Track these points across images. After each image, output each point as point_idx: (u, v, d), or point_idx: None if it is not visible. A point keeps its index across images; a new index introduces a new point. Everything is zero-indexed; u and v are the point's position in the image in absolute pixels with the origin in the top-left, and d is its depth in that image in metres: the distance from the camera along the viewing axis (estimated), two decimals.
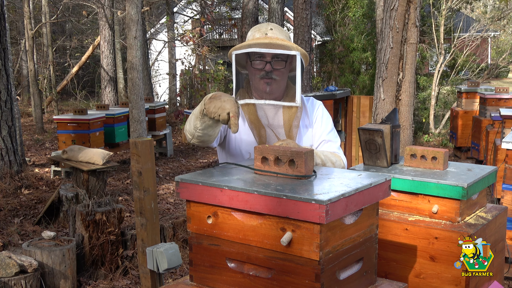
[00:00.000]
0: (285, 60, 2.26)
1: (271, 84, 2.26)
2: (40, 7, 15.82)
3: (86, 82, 19.72)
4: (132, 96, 7.42)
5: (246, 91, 2.34)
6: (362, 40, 15.17)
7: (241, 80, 2.34)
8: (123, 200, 6.72)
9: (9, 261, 3.71)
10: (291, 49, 2.21)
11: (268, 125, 2.31)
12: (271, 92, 2.27)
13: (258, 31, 2.33)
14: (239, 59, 2.30)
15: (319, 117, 2.42)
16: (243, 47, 2.22)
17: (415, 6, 5.65)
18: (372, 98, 7.15)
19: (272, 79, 2.26)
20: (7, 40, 7.47)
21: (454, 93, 13.98)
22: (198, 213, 1.83)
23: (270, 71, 2.24)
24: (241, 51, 2.22)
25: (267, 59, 2.24)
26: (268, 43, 2.21)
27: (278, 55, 2.24)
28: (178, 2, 17.35)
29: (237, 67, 2.28)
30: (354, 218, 1.73)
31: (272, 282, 1.68)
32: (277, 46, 2.20)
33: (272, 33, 2.30)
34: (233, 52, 2.24)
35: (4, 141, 7.06)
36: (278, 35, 2.30)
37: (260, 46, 2.19)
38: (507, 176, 4.36)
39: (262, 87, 2.27)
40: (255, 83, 2.29)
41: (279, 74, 2.27)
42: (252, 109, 2.30)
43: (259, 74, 2.26)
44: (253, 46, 2.20)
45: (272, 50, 2.19)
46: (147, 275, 3.37)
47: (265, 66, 2.24)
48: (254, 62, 2.27)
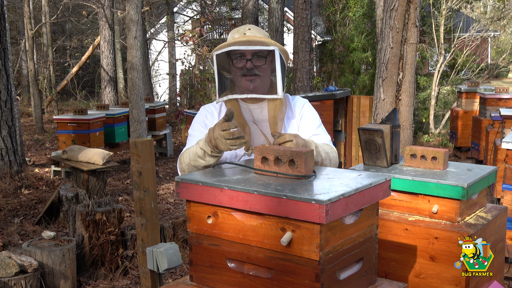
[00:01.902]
0: (265, 56, 2.32)
1: (254, 81, 2.31)
2: (40, 7, 15.82)
3: (86, 82, 19.71)
4: (132, 96, 7.42)
5: (230, 91, 2.39)
6: (362, 40, 15.17)
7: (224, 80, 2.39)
8: (123, 200, 6.72)
9: (9, 261, 3.71)
10: (268, 44, 2.27)
11: (252, 120, 2.35)
12: (254, 89, 2.32)
13: (237, 32, 2.40)
14: (221, 61, 2.37)
15: (305, 113, 2.44)
16: (223, 47, 2.29)
17: (415, 6, 5.65)
18: (372, 98, 7.15)
19: (254, 76, 2.31)
20: (7, 40, 7.47)
21: (454, 93, 13.97)
22: (198, 213, 1.83)
23: (251, 68, 2.30)
24: (221, 51, 2.28)
25: (247, 57, 2.30)
26: (246, 40, 2.27)
27: (257, 52, 2.30)
28: (178, 2, 17.35)
29: (219, 68, 2.35)
30: (354, 218, 1.73)
31: (272, 282, 1.68)
32: (255, 43, 2.26)
33: (251, 33, 2.36)
34: (213, 53, 2.31)
35: (4, 141, 7.06)
36: (256, 34, 2.36)
37: (238, 44, 2.26)
38: (507, 176, 4.36)
39: (244, 84, 2.32)
40: (238, 81, 2.35)
41: (261, 70, 2.32)
42: (236, 107, 2.34)
43: (241, 72, 2.32)
44: (232, 45, 2.26)
45: (250, 47, 2.25)
46: (147, 275, 3.37)
47: (246, 64, 2.30)
48: (235, 61, 2.33)
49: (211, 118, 2.41)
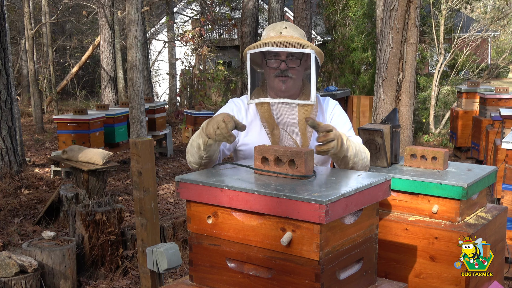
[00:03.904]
0: (300, 58, 2.26)
1: (286, 82, 2.26)
2: (40, 7, 15.82)
3: (86, 82, 19.71)
4: (132, 96, 7.42)
5: (261, 90, 2.34)
6: (362, 40, 15.17)
7: (256, 79, 2.34)
8: (123, 200, 6.72)
9: (9, 261, 3.71)
10: (305, 47, 2.21)
11: (282, 123, 2.30)
12: (286, 90, 2.27)
13: (273, 30, 2.33)
14: (255, 59, 2.31)
15: (336, 115, 2.39)
16: (258, 46, 2.22)
17: (415, 6, 5.65)
18: (372, 98, 7.15)
19: (287, 77, 2.26)
20: (7, 40, 7.47)
21: (454, 93, 13.97)
22: (198, 213, 1.83)
23: (285, 70, 2.25)
24: (255, 50, 2.22)
25: (281, 58, 2.25)
26: (282, 41, 2.21)
27: (292, 54, 2.24)
28: (178, 2, 17.36)
29: (252, 67, 2.29)
30: (354, 218, 1.73)
31: (272, 282, 1.68)
32: (291, 44, 2.20)
33: (287, 32, 2.30)
34: (247, 52, 2.25)
35: (4, 141, 7.06)
36: (293, 34, 2.30)
37: (274, 45, 2.20)
38: (507, 176, 4.36)
39: (277, 85, 2.27)
40: (271, 81, 2.30)
41: (294, 72, 2.27)
42: (266, 108, 2.30)
43: (274, 72, 2.27)
44: (267, 45, 2.20)
45: (285, 48, 2.19)
46: (147, 275, 3.37)
47: (280, 65, 2.25)
48: (269, 61, 2.27)
49: (237, 113, 2.36)
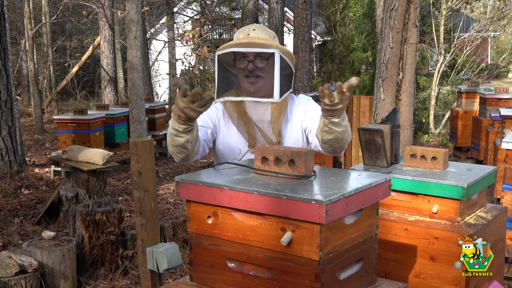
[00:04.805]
0: (267, 58, 2.32)
1: (256, 83, 2.33)
2: (40, 7, 15.82)
3: (86, 82, 19.70)
4: (132, 96, 7.42)
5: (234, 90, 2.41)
6: (362, 40, 15.16)
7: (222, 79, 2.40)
8: (123, 200, 6.72)
9: (9, 261, 3.71)
10: (269, 47, 2.27)
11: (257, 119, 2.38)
12: (256, 90, 2.34)
13: (242, 32, 2.41)
14: (227, 59, 2.39)
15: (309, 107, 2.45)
16: (225, 48, 2.31)
17: (415, 6, 5.65)
18: (372, 98, 7.15)
19: (256, 77, 2.32)
20: (7, 40, 7.47)
21: (454, 93, 13.97)
22: (198, 213, 1.83)
23: (253, 70, 2.31)
24: (221, 52, 2.31)
25: (249, 58, 2.32)
26: (246, 42, 2.28)
27: (260, 54, 2.31)
28: (178, 2, 17.34)
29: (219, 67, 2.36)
30: (354, 218, 1.73)
31: (272, 282, 1.68)
32: (255, 45, 2.27)
33: (254, 33, 2.37)
34: (216, 53, 2.33)
35: (4, 141, 7.06)
36: (260, 35, 2.36)
37: (239, 46, 2.27)
38: (507, 176, 4.36)
39: (247, 86, 2.35)
40: (241, 82, 2.37)
41: (263, 71, 2.33)
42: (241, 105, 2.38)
43: (243, 73, 2.34)
44: (232, 46, 2.28)
45: (249, 49, 2.26)
46: (147, 275, 3.37)
47: (248, 65, 2.32)
48: (237, 62, 2.35)
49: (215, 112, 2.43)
